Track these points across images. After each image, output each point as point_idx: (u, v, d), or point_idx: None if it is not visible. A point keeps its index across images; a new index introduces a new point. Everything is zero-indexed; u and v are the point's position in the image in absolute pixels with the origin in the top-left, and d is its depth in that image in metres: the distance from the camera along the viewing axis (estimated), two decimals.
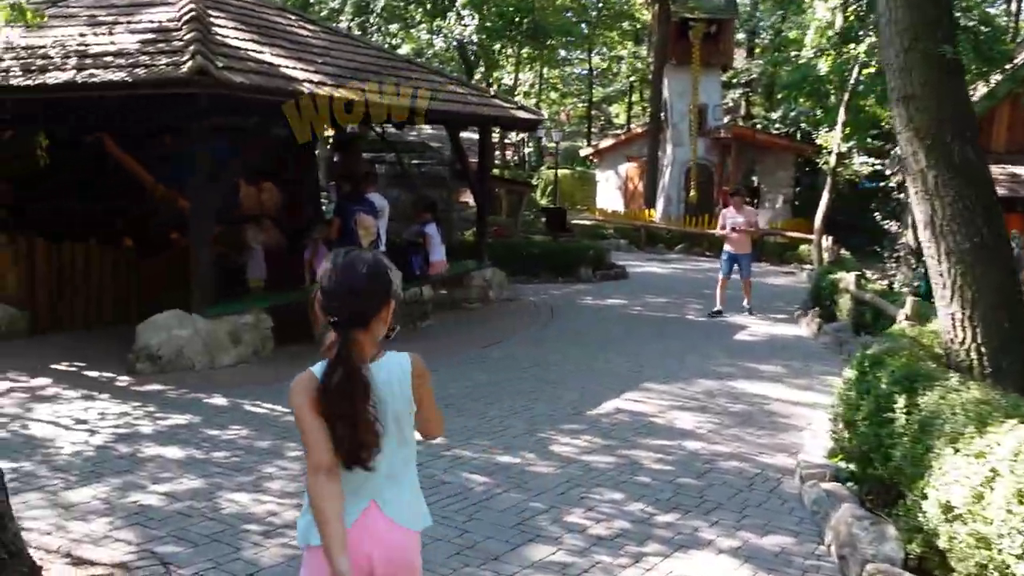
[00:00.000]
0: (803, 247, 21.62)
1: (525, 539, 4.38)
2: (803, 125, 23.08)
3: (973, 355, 4.67)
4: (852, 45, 15.71)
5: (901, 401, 4.26)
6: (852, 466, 5.31)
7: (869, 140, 19.99)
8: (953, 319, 4.72)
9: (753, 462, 5.92)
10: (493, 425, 6.56)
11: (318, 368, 2.26)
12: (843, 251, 17.63)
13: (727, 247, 12.75)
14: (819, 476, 5.28)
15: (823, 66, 17.48)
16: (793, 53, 22.96)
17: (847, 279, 12.14)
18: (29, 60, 8.54)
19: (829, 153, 18.47)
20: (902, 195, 13.98)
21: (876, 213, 16.88)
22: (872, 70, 16.05)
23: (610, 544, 4.38)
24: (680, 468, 5.69)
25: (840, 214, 20.78)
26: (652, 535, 4.52)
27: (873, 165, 17.42)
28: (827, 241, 18.97)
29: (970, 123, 4.74)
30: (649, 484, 5.33)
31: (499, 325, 11.49)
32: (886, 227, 13.82)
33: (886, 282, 13.74)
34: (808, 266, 20.03)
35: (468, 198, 19.42)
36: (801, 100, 27.14)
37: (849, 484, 5.10)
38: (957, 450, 3.55)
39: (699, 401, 7.64)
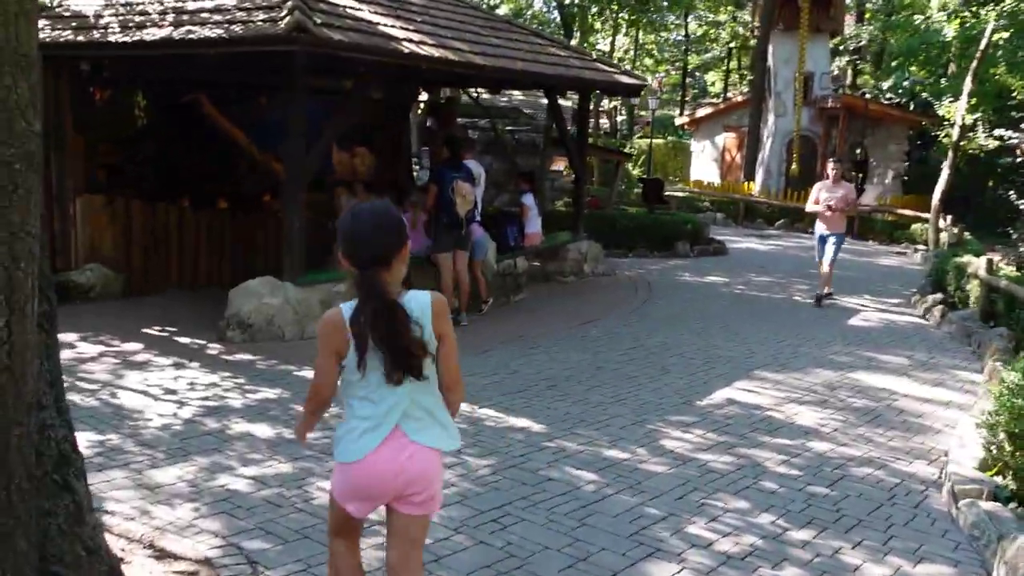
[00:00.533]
0: (915, 226, 20.37)
1: (644, 552, 3.91)
2: (924, 95, 21.59)
3: None
4: (984, 8, 14.41)
5: None
6: (1013, 484, 4.66)
7: (991, 113, 18.59)
8: None
9: (890, 469, 5.31)
10: (597, 413, 6.09)
11: (347, 307, 2.52)
12: (965, 232, 16.46)
13: (818, 225, 11.48)
14: (975, 494, 4.64)
15: (949, 30, 16.16)
16: (910, 16, 21.44)
17: (977, 264, 11.18)
18: (127, 17, 8.36)
19: (952, 125, 17.16)
20: None
21: (1000, 190, 15.64)
22: (1006, 35, 14.74)
23: (741, 565, 3.86)
24: (808, 474, 5.12)
25: (956, 191, 19.42)
26: (788, 556, 3.98)
27: (1004, 139, 16.05)
28: (945, 221, 17.79)
29: None
30: (776, 492, 4.78)
31: (596, 301, 10.98)
32: (1020, 206, 12.67)
33: (1014, 267, 12.64)
34: (922, 247, 18.83)
35: (561, 166, 18.85)
36: (914, 68, 25.57)
37: (1013, 506, 4.46)
38: None
39: (818, 394, 7.01)
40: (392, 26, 8.49)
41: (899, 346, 9.24)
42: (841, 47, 29.34)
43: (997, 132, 15.89)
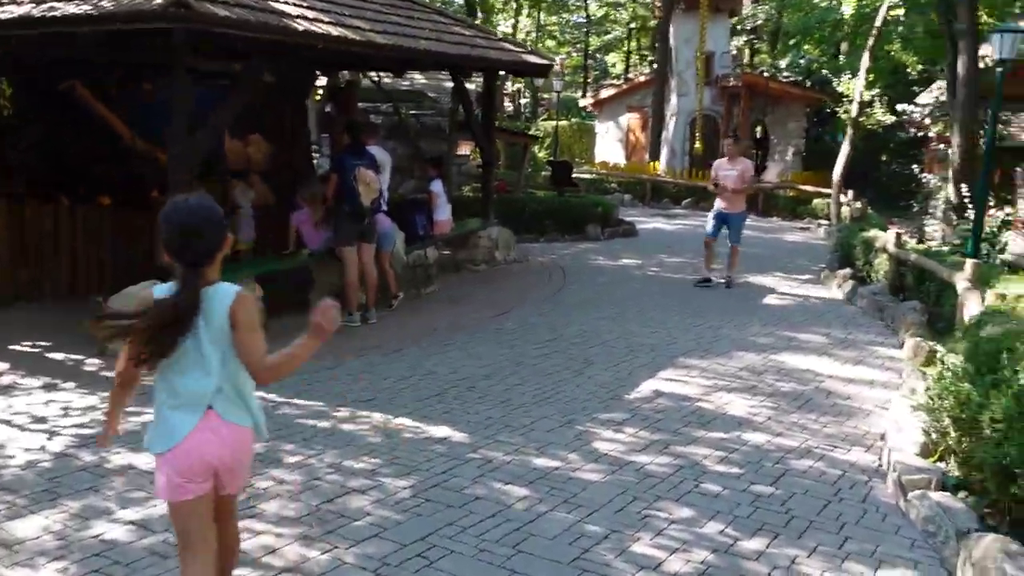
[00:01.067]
0: (816, 201, 20.72)
1: None
2: (822, 72, 21.93)
3: None
4: None
5: None
6: (960, 471, 4.47)
7: (886, 89, 18.99)
8: None
9: (829, 459, 5.07)
10: (520, 415, 5.67)
11: (159, 290, 2.66)
12: (859, 205, 16.74)
13: (718, 203, 11.14)
14: (923, 484, 4.42)
15: (847, 8, 16.34)
16: None
17: (885, 238, 11.26)
18: None
19: (850, 102, 17.41)
20: (941, 145, 13.01)
21: (896, 165, 15.96)
22: (900, 12, 14.96)
23: None
24: (750, 471, 4.83)
25: (854, 166, 19.78)
26: (744, 571, 3.65)
27: (903, 114, 16.35)
28: (846, 196, 18.08)
29: None
30: (720, 495, 4.46)
31: (509, 289, 10.57)
32: (924, 180, 12.86)
33: (915, 239, 12.85)
34: (824, 222, 19.14)
35: (467, 150, 18.35)
36: (809, 47, 26.04)
37: (963, 495, 4.25)
38: None
39: (745, 380, 6.78)
40: (285, 2, 7.83)
41: (816, 324, 9.16)
42: (739, 27, 29.67)
43: (899, 107, 16.14)
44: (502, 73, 14.35)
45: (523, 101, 39.61)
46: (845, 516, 4.27)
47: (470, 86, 13.87)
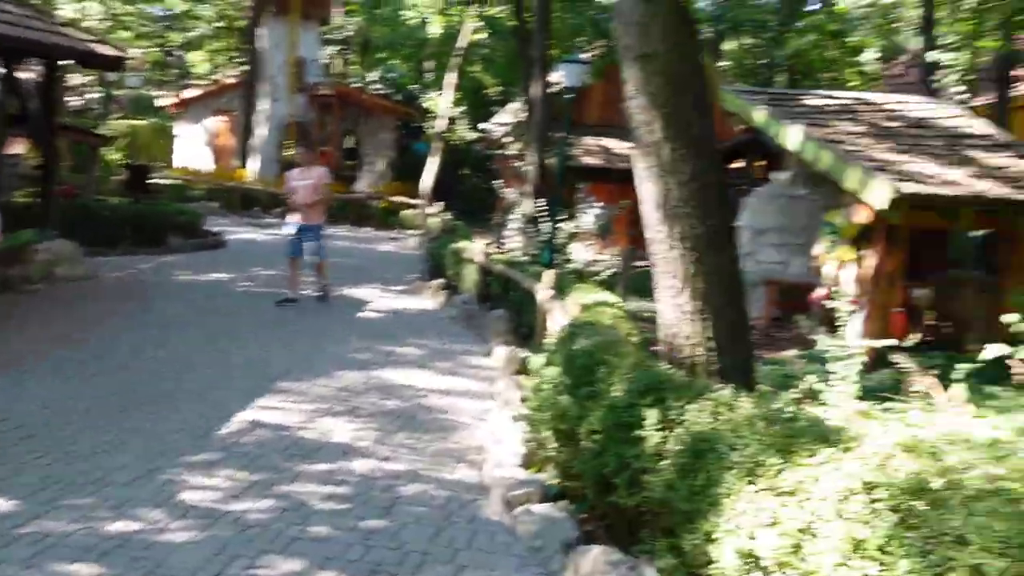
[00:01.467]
0: (406, 212, 21.39)
1: None
2: (411, 87, 22.67)
3: (700, 351, 4.16)
4: (466, 8, 15.33)
5: (652, 416, 3.56)
6: (561, 479, 4.61)
7: (469, 107, 20.22)
8: (681, 312, 4.16)
9: (438, 482, 4.97)
10: (92, 467, 4.77)
11: None
12: (448, 217, 17.55)
13: (294, 217, 10.26)
14: (526, 498, 4.48)
15: (435, 28, 17.01)
16: (396, 11, 22.33)
17: (473, 249, 11.79)
18: None
19: (436, 118, 18.17)
20: (519, 163, 14.03)
21: (476, 178, 17.02)
22: (484, 35, 15.94)
23: None
24: (359, 504, 4.52)
25: (440, 178, 20.75)
26: None
27: (484, 132, 17.42)
28: (434, 207, 18.84)
29: (704, 93, 4.19)
30: (331, 538, 4.08)
31: (76, 313, 9.16)
32: (506, 194, 13.78)
33: (499, 250, 13.71)
34: (413, 231, 19.76)
35: (21, 149, 15.79)
36: (397, 62, 26.90)
37: (565, 503, 4.38)
38: (757, 485, 2.90)
39: (347, 402, 6.51)
40: None
41: (413, 335, 9.22)
42: (328, 36, 29.66)
43: (482, 125, 17.17)
44: (67, 63, 12.52)
45: (90, 96, 35.60)
46: (458, 541, 4.16)
47: (27, 75, 11.90)
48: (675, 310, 4.17)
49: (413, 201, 20.70)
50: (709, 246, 4.06)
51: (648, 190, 4.14)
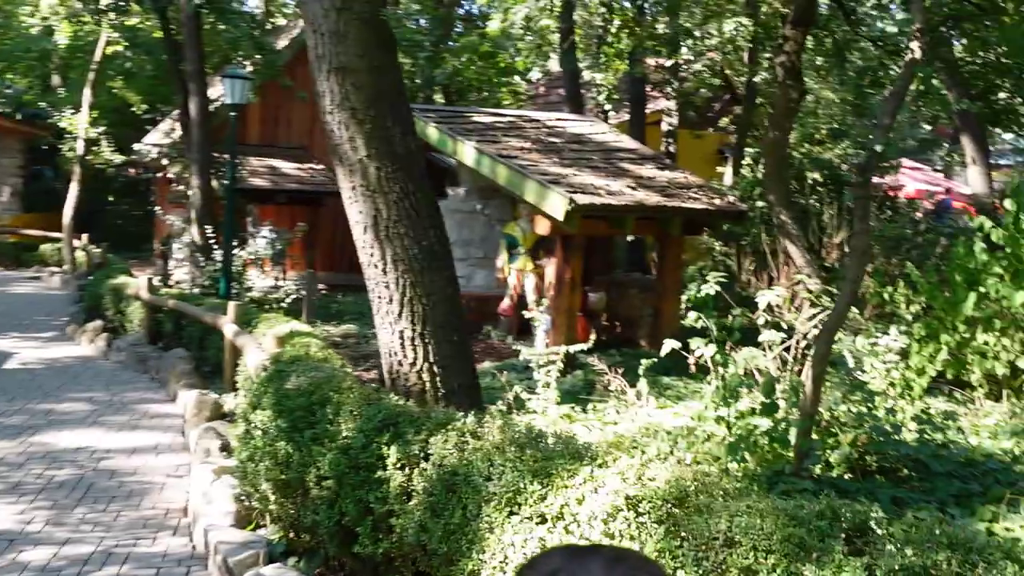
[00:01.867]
0: (45, 247, 18.96)
1: None
2: (40, 105, 19.98)
3: (425, 376, 3.99)
4: (102, 18, 13.76)
5: (393, 454, 3.33)
6: (281, 533, 4.21)
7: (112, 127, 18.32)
8: (403, 337, 3.96)
9: (137, 558, 4.32)
10: None
11: None
12: (99, 251, 15.80)
13: None
14: (251, 561, 4.02)
15: (62, 39, 15.14)
16: (10, 19, 19.59)
17: (137, 284, 10.66)
18: None
19: (75, 139, 16.24)
20: (181, 186, 12.94)
21: (125, 205, 15.45)
22: (121, 47, 14.48)
23: None
24: None
25: (82, 207, 18.59)
26: None
27: (136, 153, 15.82)
28: (80, 240, 16.85)
29: (407, 107, 4.01)
30: None
31: None
32: (168, 221, 12.58)
33: (161, 281, 12.56)
34: (58, 269, 17.50)
35: None
36: (15, 77, 23.74)
37: (294, 561, 3.99)
38: (520, 515, 2.79)
39: (5, 477, 5.49)
40: None
41: (75, 388, 8.18)
42: None
43: (136, 146, 15.57)
44: None
45: None
46: None
47: None
48: (395, 336, 3.97)
49: (54, 234, 18.33)
50: (425, 267, 3.92)
51: (357, 211, 3.90)
